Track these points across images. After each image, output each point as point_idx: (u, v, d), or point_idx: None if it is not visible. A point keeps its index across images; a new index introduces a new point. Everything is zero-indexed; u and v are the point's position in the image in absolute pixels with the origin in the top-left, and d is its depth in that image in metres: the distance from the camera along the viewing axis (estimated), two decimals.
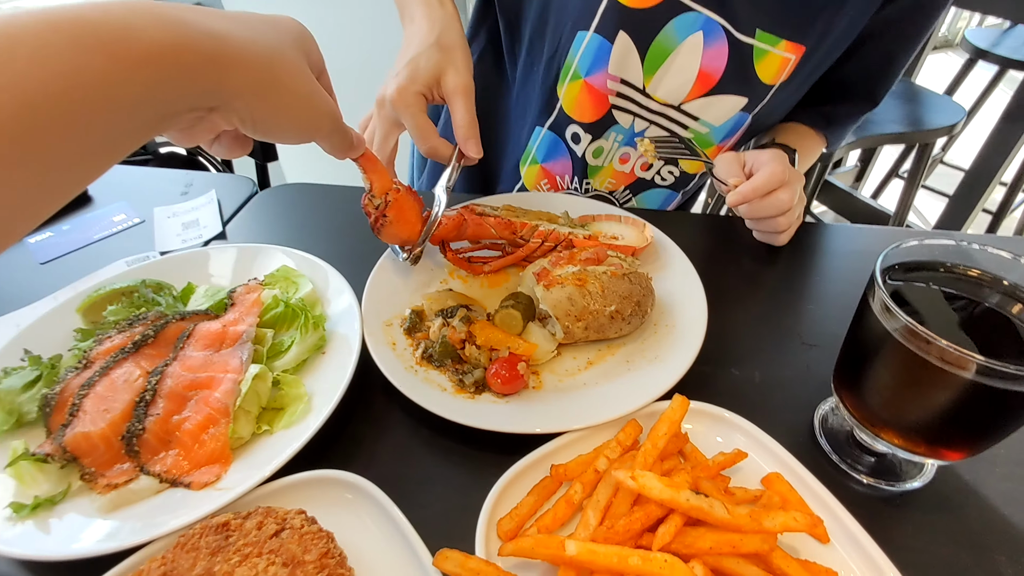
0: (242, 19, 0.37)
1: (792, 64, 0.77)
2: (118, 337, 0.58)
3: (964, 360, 0.38)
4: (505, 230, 0.71)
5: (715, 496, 0.43)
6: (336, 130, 0.46)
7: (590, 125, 0.86)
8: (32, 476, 0.48)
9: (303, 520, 0.44)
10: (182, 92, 0.33)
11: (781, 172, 0.70)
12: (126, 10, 0.30)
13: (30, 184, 0.28)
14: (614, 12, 0.74)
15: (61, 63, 0.27)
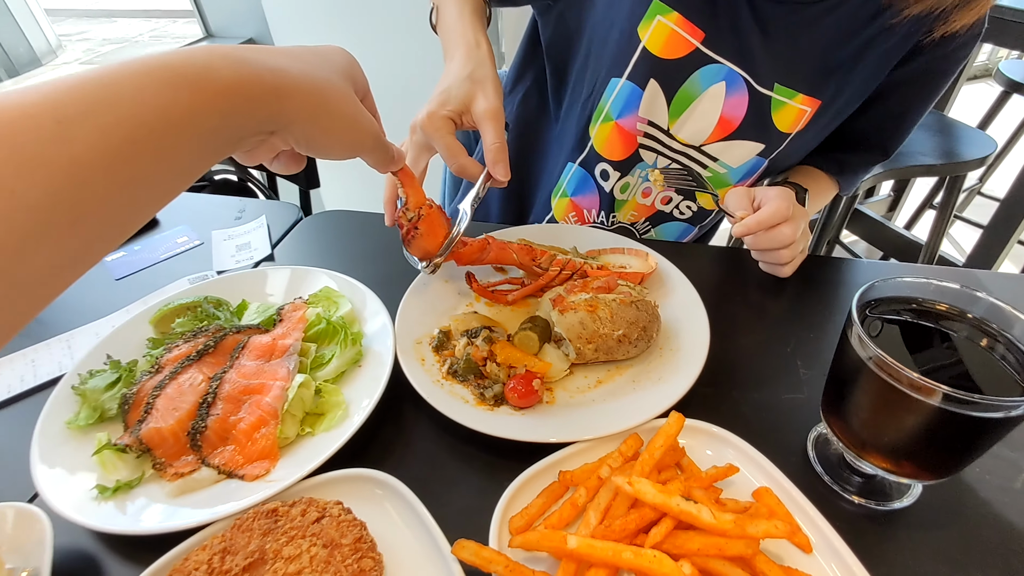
0: (297, 54, 0.43)
1: (808, 116, 0.82)
2: (184, 346, 0.67)
3: (930, 389, 0.43)
4: (526, 256, 0.77)
5: (705, 504, 0.48)
6: (378, 146, 0.52)
7: (619, 163, 0.93)
8: (113, 463, 0.56)
9: (340, 510, 0.50)
10: (249, 119, 0.39)
11: (786, 208, 0.75)
12: (205, 53, 0.36)
13: (126, 203, 0.33)
14: (646, 62, 0.81)
15: (156, 100, 0.33)
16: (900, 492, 0.56)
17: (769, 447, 0.56)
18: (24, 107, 0.28)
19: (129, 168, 0.32)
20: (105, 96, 0.31)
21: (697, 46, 0.79)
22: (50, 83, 0.30)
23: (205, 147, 0.36)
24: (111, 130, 0.30)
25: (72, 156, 0.29)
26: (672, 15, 0.77)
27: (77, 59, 5.71)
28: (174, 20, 6.57)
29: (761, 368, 0.69)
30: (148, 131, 0.32)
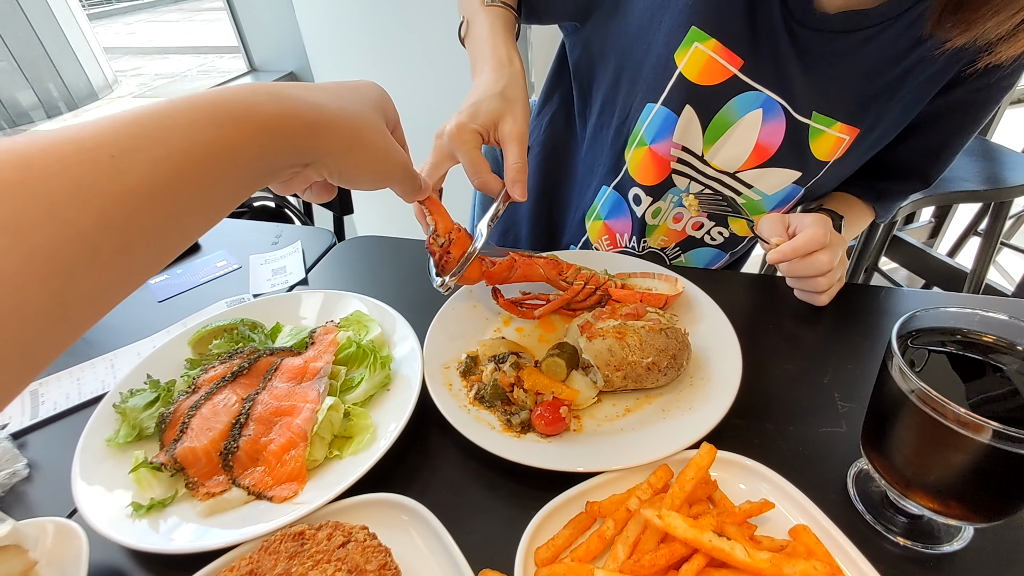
0: (332, 89, 0.46)
1: (846, 144, 0.81)
2: (220, 367, 0.68)
3: (979, 425, 0.41)
4: (552, 270, 0.77)
5: (739, 541, 0.46)
6: (407, 177, 0.54)
7: (651, 188, 0.92)
8: (148, 481, 0.58)
9: (366, 535, 0.50)
10: (287, 152, 0.41)
11: (823, 235, 0.73)
12: (248, 91, 0.38)
13: (170, 231, 0.35)
14: (682, 88, 0.81)
15: (203, 136, 0.35)
16: (949, 534, 0.53)
17: (806, 483, 0.54)
18: (82, 142, 0.30)
19: (175, 198, 0.34)
20: (156, 131, 0.33)
21: (735, 73, 0.79)
22: (106, 119, 0.32)
23: (245, 178, 0.38)
24: (161, 163, 0.32)
25: (124, 187, 0.31)
26: (710, 42, 0.77)
27: (131, 92, 6.06)
28: (221, 55, 6.93)
29: (797, 400, 0.67)
30: (193, 163, 0.34)
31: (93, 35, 5.94)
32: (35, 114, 5.30)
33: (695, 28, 0.77)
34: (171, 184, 0.33)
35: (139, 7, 10.77)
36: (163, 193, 0.33)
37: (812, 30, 0.75)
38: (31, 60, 5.20)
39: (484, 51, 0.77)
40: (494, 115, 0.69)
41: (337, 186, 0.52)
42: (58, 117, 5.42)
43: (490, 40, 0.78)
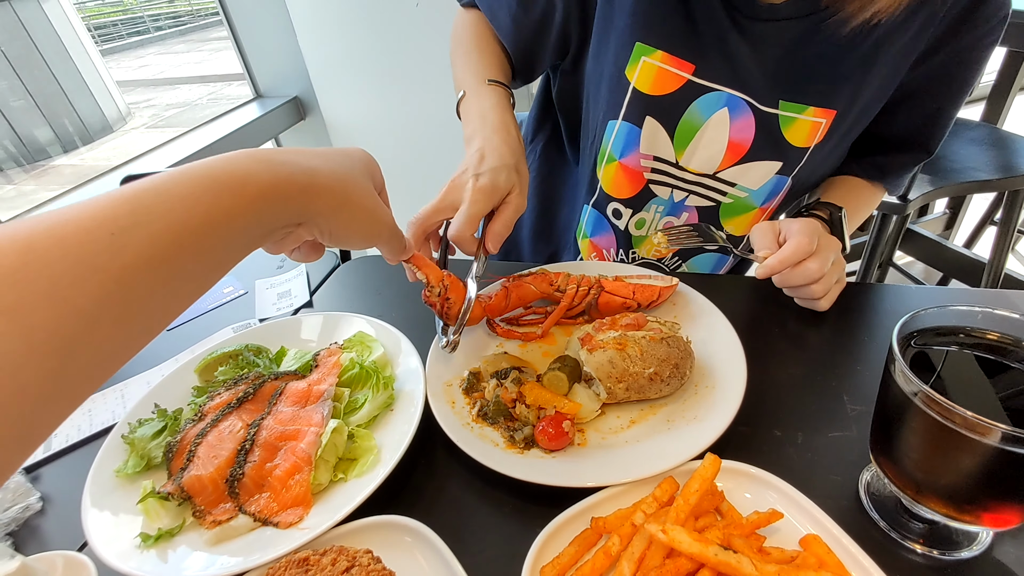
0: (324, 154, 0.48)
1: (825, 127, 0.80)
2: (226, 394, 0.69)
3: (987, 428, 0.40)
4: (543, 283, 0.78)
5: (746, 553, 0.45)
6: (392, 236, 0.55)
7: (629, 200, 0.93)
8: (156, 512, 0.58)
9: (370, 559, 0.50)
10: (281, 214, 0.42)
11: (807, 243, 0.72)
12: (244, 159, 0.40)
13: (168, 299, 0.36)
14: (638, 101, 0.82)
15: (200, 207, 0.36)
16: (968, 540, 0.51)
17: (816, 490, 0.53)
18: (81, 222, 0.31)
19: (172, 268, 0.35)
20: (155, 206, 0.34)
21: (689, 78, 0.79)
22: (106, 196, 0.33)
23: (241, 242, 0.40)
24: (159, 237, 0.34)
25: (123, 263, 0.32)
26: (657, 54, 0.78)
27: (144, 124, 6.20)
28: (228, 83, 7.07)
29: (805, 405, 0.66)
30: (191, 234, 0.35)
31: (106, 70, 6.10)
32: (52, 149, 5.45)
33: (639, 43, 0.78)
34: (169, 256, 0.34)
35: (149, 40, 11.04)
36: (161, 265, 0.34)
37: (762, 21, 0.75)
38: (47, 97, 5.36)
39: (493, 120, 0.80)
40: (508, 187, 0.73)
41: (325, 248, 0.55)
42: (74, 151, 5.57)
43: (498, 113, 0.81)
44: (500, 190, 0.72)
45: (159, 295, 0.35)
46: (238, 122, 2.32)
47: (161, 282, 0.34)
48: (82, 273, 0.30)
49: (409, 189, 2.55)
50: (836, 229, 0.85)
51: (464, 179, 0.72)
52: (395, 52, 2.18)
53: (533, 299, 0.78)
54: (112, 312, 0.32)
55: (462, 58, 0.93)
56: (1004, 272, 2.16)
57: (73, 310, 0.30)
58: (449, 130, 2.36)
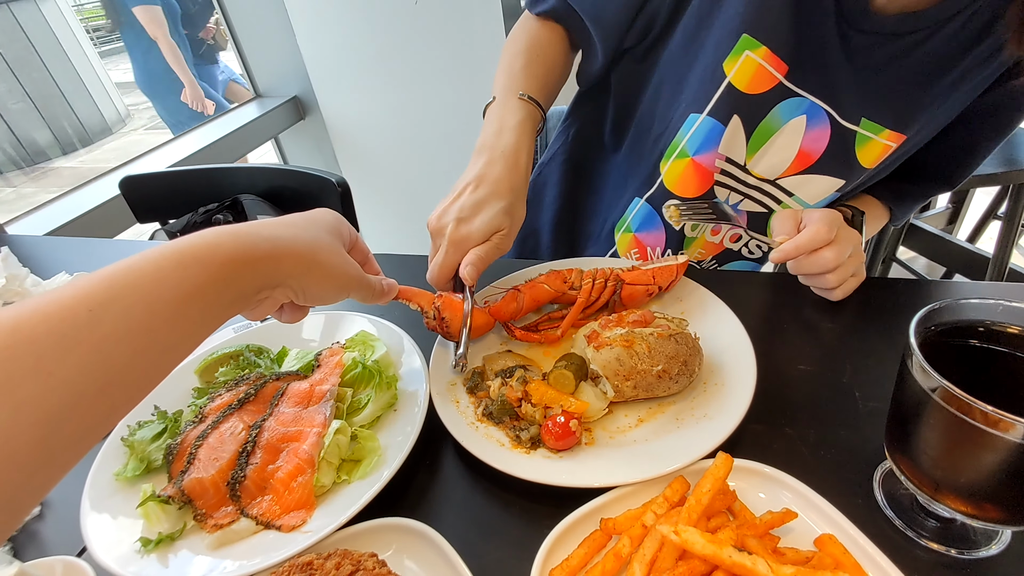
0: (288, 221, 0.52)
1: (891, 151, 0.79)
2: (227, 395, 0.68)
3: (1009, 423, 0.38)
4: (556, 281, 0.76)
5: (761, 554, 0.44)
6: (362, 287, 0.58)
7: (692, 200, 0.90)
8: (157, 515, 0.57)
9: (375, 563, 0.49)
10: (250, 280, 0.45)
11: (826, 232, 0.71)
12: (211, 234, 0.43)
13: (146, 368, 0.39)
14: (730, 97, 0.79)
15: (171, 279, 0.39)
16: (987, 538, 0.50)
17: (830, 489, 0.51)
18: (63, 301, 0.35)
19: (149, 337, 0.38)
20: (128, 283, 0.38)
21: (781, 80, 0.77)
22: (86, 278, 0.37)
23: (215, 309, 0.43)
24: (134, 309, 0.37)
25: (101, 335, 0.35)
26: (761, 50, 0.75)
27: (143, 125, 6.19)
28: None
29: (816, 401, 0.64)
30: (164, 305, 0.39)
31: (105, 71, 6.10)
32: (51, 151, 5.45)
33: (747, 36, 0.75)
34: (144, 327, 0.37)
35: None
36: (138, 336, 0.37)
37: (865, 33, 0.73)
38: (46, 99, 5.36)
39: (507, 143, 0.78)
40: (495, 228, 0.72)
41: (308, 307, 0.58)
42: (73, 153, 5.57)
43: (515, 134, 0.79)
44: (476, 236, 0.71)
45: (138, 364, 0.38)
46: (237, 122, 2.32)
47: (139, 352, 0.37)
48: (65, 346, 0.33)
49: (408, 188, 2.54)
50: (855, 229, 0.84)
51: (445, 221, 0.72)
52: (394, 52, 2.16)
53: (547, 299, 0.76)
54: (94, 382, 0.35)
55: (507, 61, 0.90)
56: (1009, 266, 2.15)
57: (58, 382, 0.33)
58: (448, 129, 2.36)
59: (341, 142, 2.53)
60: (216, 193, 1.47)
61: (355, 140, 2.49)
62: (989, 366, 0.46)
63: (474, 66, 2.09)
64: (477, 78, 2.11)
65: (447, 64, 2.13)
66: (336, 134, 2.51)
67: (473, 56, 2.07)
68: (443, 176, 2.38)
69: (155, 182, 1.51)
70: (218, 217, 1.42)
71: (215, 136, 2.22)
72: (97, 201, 1.76)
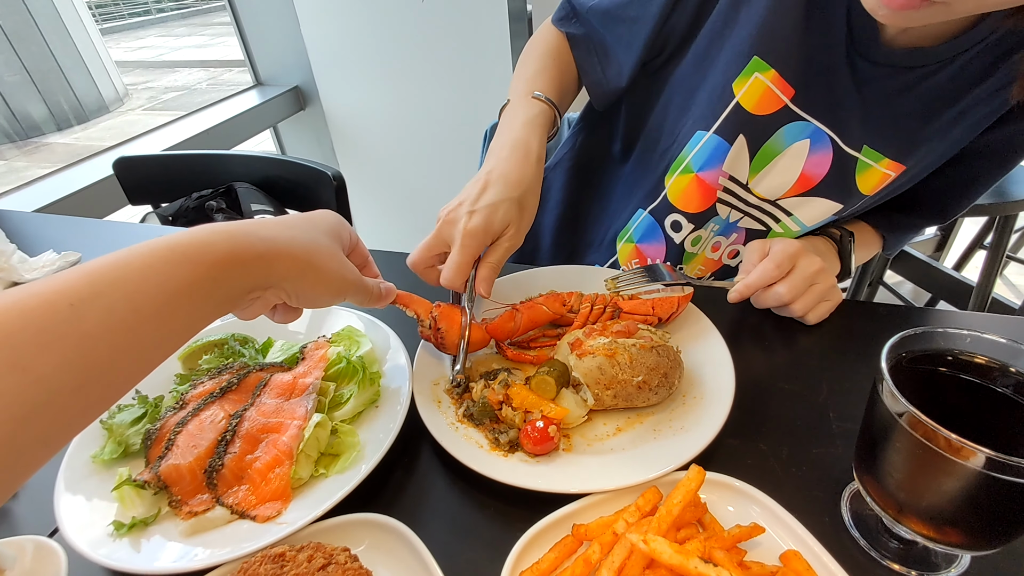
0: (288, 223, 0.50)
1: (889, 180, 0.81)
2: (209, 383, 0.68)
3: (970, 451, 0.40)
4: (555, 303, 0.76)
5: (726, 567, 0.45)
6: (359, 291, 0.57)
7: (694, 215, 0.91)
8: (131, 500, 0.57)
9: (347, 557, 0.49)
10: (241, 280, 0.44)
11: (774, 269, 0.73)
12: (205, 232, 0.42)
13: (127, 366, 0.38)
14: (737, 117, 0.80)
15: (158, 277, 0.38)
16: (947, 561, 0.51)
17: (799, 506, 0.53)
18: (44, 295, 0.33)
19: (132, 335, 0.37)
20: (114, 278, 0.36)
21: (787, 103, 0.78)
22: (69, 271, 0.35)
23: (202, 308, 0.42)
24: (117, 306, 0.36)
25: (82, 332, 0.34)
26: (770, 72, 0.77)
27: (141, 106, 6.15)
28: (229, 69, 7.03)
29: (791, 419, 0.66)
30: (150, 302, 0.37)
31: (105, 49, 6.05)
32: (46, 126, 5.39)
33: (757, 58, 0.77)
34: (129, 324, 0.36)
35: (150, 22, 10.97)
36: (120, 333, 0.36)
37: (873, 63, 0.75)
38: (43, 73, 5.30)
39: (518, 137, 0.79)
40: (506, 222, 0.72)
41: (301, 308, 0.57)
42: (68, 130, 5.51)
43: (526, 130, 0.80)
44: (493, 231, 0.71)
45: (120, 363, 0.36)
46: (237, 108, 2.31)
47: (121, 350, 0.36)
48: (44, 342, 0.32)
49: (404, 186, 2.54)
50: (843, 251, 0.86)
51: (458, 215, 0.71)
52: (399, 47, 2.17)
53: (545, 320, 0.76)
54: (72, 380, 0.33)
55: (523, 66, 0.92)
56: (992, 296, 2.18)
57: (33, 379, 0.32)
58: (449, 130, 2.36)
59: (340, 135, 2.53)
60: (211, 179, 1.47)
61: (354, 134, 2.49)
62: (956, 394, 0.47)
63: (478, 68, 2.10)
64: (480, 80, 2.12)
65: (451, 64, 2.13)
66: (335, 127, 2.51)
67: (477, 58, 2.08)
68: (441, 176, 2.39)
69: (150, 164, 1.50)
70: (211, 203, 1.42)
71: (213, 121, 2.21)
72: (89, 180, 1.75)
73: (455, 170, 2.28)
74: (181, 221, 1.43)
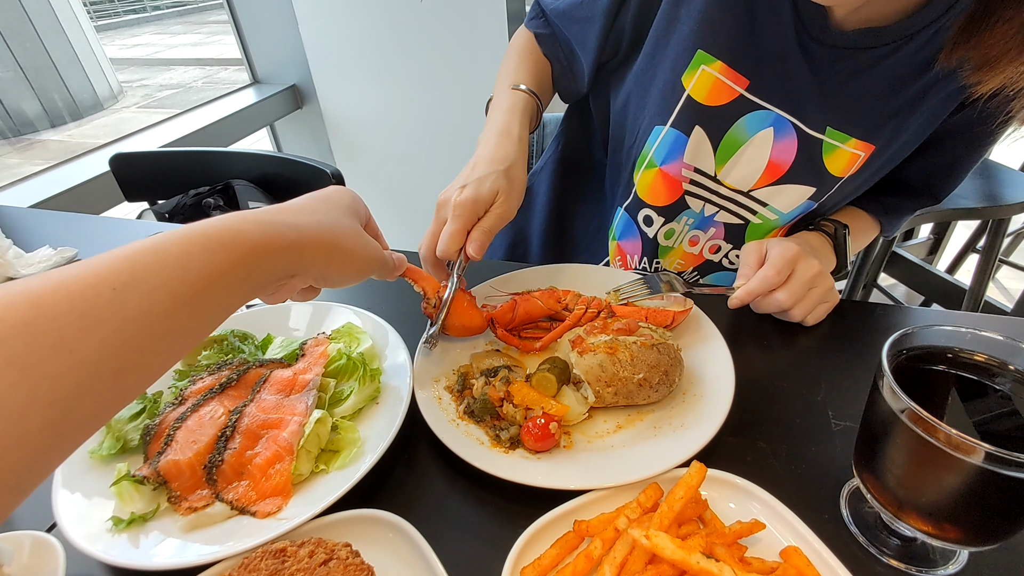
0: (310, 207, 0.51)
1: (861, 160, 0.81)
2: (208, 379, 0.68)
3: (970, 447, 0.40)
4: (550, 299, 0.78)
5: (727, 562, 0.45)
6: (383, 266, 0.58)
7: (663, 208, 0.93)
8: (130, 495, 0.56)
9: (348, 552, 0.49)
10: (272, 269, 0.45)
11: (775, 275, 0.73)
12: (236, 219, 0.43)
13: (164, 351, 0.38)
14: (690, 109, 0.82)
15: (195, 263, 0.39)
16: (945, 557, 0.52)
17: (798, 503, 0.53)
18: (86, 278, 0.34)
19: (169, 320, 0.37)
20: (153, 263, 0.37)
21: (742, 93, 0.79)
22: (109, 255, 0.36)
23: (235, 295, 0.42)
24: (158, 291, 0.36)
25: (124, 316, 0.34)
26: (716, 64, 0.78)
27: (136, 103, 6.12)
28: (225, 68, 7.01)
29: (791, 417, 0.66)
30: (188, 288, 0.38)
31: (99, 46, 6.01)
32: (39, 123, 5.35)
33: (701, 51, 0.78)
34: (167, 309, 0.37)
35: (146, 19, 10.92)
36: (159, 318, 0.36)
37: (827, 46, 0.75)
38: (37, 70, 5.26)
39: (499, 122, 0.83)
40: (495, 192, 0.74)
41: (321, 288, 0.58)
42: (62, 127, 5.47)
43: (507, 115, 0.83)
44: (483, 200, 0.73)
45: (156, 347, 0.37)
46: (233, 107, 2.30)
47: (159, 335, 0.37)
48: (87, 325, 0.32)
49: (401, 185, 2.54)
50: (839, 244, 0.86)
51: (450, 193, 0.74)
52: (396, 47, 2.17)
53: (540, 315, 0.78)
54: (112, 363, 0.34)
55: (504, 65, 0.96)
56: (984, 299, 2.20)
57: (77, 361, 0.32)
58: (446, 129, 2.36)
59: (337, 134, 2.52)
60: (208, 176, 1.47)
61: (351, 133, 2.49)
62: (956, 391, 0.48)
63: (475, 67, 2.11)
64: (477, 79, 2.13)
65: (448, 64, 2.14)
66: (332, 126, 2.50)
67: (475, 57, 2.08)
68: (438, 174, 2.39)
69: (147, 161, 1.50)
70: (208, 201, 1.41)
71: (210, 119, 2.20)
72: (85, 176, 1.74)
73: (452, 169, 2.26)
74: (178, 218, 1.42)
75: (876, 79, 0.76)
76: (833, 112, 0.79)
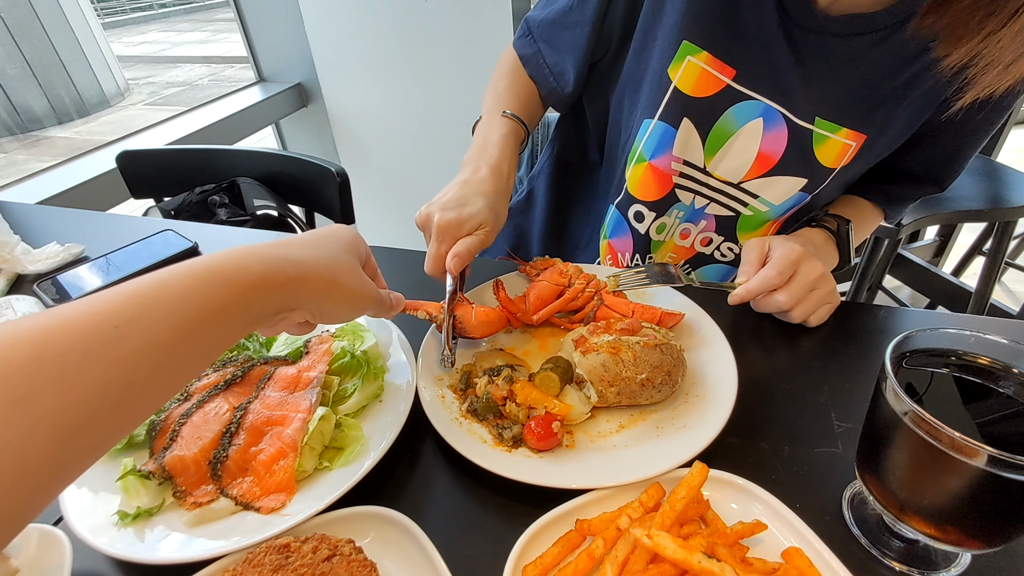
0: (312, 242, 0.52)
1: (853, 150, 0.81)
2: (213, 375, 0.68)
3: (973, 450, 0.40)
4: (555, 274, 0.80)
5: (729, 562, 0.45)
6: (378, 304, 0.59)
7: (654, 203, 0.93)
8: (136, 490, 0.57)
9: (352, 549, 0.50)
10: (272, 303, 0.46)
11: (775, 276, 0.73)
12: (239, 254, 0.44)
13: (163, 384, 0.38)
14: (678, 101, 0.82)
15: (197, 297, 0.39)
16: (947, 560, 0.51)
17: (800, 504, 0.53)
18: (90, 316, 0.34)
19: (170, 355, 0.38)
20: (156, 299, 0.37)
21: (728, 83, 0.79)
22: (113, 291, 0.37)
23: (235, 328, 0.43)
24: (160, 326, 0.37)
25: (126, 352, 0.35)
26: (702, 54, 0.78)
27: (143, 100, 6.15)
28: (231, 65, 7.03)
29: (793, 419, 0.66)
30: (189, 323, 0.38)
31: (107, 43, 6.04)
32: (47, 120, 5.38)
33: (686, 42, 0.78)
34: (168, 343, 0.37)
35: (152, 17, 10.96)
36: (160, 352, 0.37)
37: (813, 32, 0.75)
38: (44, 67, 5.29)
39: (492, 153, 0.84)
40: (478, 223, 0.76)
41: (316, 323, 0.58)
42: (69, 124, 5.50)
43: (499, 146, 0.85)
44: (464, 226, 0.74)
45: (156, 380, 0.37)
46: (239, 105, 2.31)
47: (159, 369, 0.37)
48: (89, 361, 0.33)
49: (406, 184, 2.54)
50: (842, 241, 0.86)
51: (431, 212, 0.76)
52: (402, 46, 2.17)
53: (551, 295, 0.78)
54: (112, 398, 0.34)
55: (493, 84, 0.97)
56: (990, 302, 2.19)
57: (77, 398, 0.32)
58: (450, 128, 2.36)
59: (342, 133, 2.53)
60: (214, 174, 1.47)
61: (356, 132, 2.49)
62: (959, 394, 0.48)
63: (480, 67, 2.11)
64: (482, 80, 2.11)
65: (454, 64, 2.14)
66: (337, 124, 2.51)
67: (481, 58, 2.08)
68: (442, 174, 2.39)
69: (153, 159, 1.50)
70: (214, 198, 1.42)
71: (216, 117, 2.21)
72: (92, 174, 1.75)
73: (456, 169, 2.28)
74: (184, 215, 1.43)
75: (865, 67, 0.75)
76: (822, 101, 0.78)
